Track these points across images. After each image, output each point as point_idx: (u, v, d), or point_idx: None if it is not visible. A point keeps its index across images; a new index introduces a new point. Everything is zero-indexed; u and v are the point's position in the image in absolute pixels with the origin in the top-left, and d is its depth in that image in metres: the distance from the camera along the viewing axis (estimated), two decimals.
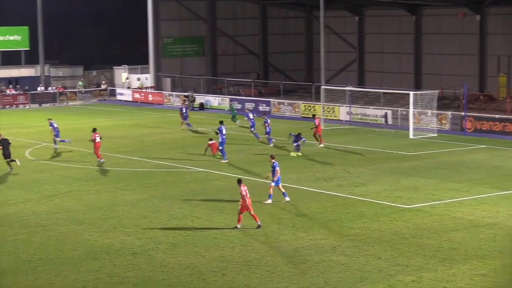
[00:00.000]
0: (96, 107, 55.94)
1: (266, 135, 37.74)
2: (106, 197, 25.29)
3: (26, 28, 61.96)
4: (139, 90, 59.69)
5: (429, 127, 42.80)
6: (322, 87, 46.39)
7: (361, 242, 20.66)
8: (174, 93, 56.65)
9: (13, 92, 58.41)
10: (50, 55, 65.75)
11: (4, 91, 58.04)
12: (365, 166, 32.33)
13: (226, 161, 31.47)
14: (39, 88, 59.25)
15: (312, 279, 17.09)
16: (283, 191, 24.06)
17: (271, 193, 23.93)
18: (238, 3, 64.35)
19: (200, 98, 52.72)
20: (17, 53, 64.46)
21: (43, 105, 55.82)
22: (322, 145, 33.87)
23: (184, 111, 42.15)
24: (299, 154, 34.14)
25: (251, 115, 39.27)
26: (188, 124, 41.77)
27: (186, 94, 53.47)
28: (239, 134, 41.04)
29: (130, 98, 58.63)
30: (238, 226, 20.61)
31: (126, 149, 36.53)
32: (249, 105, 49.20)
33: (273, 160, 24.33)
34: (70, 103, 57.52)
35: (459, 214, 23.84)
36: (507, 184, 27.92)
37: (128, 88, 61.76)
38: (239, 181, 21.18)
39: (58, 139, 34.53)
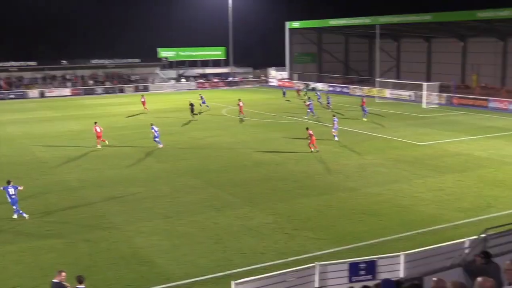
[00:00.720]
0: (259, 89, 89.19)
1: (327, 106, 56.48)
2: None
3: (223, 48, 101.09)
4: (281, 79, 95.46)
5: (433, 101, 61.29)
6: (377, 79, 73.54)
7: (395, 161, 32.18)
8: (299, 82, 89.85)
9: (216, 80, 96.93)
10: (234, 60, 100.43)
11: (212, 80, 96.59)
12: (397, 122, 48.13)
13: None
14: (229, 78, 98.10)
15: (367, 179, 27.96)
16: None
17: (335, 134, 38.70)
18: (332, 35, 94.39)
19: (312, 85, 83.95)
20: (218, 60, 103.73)
21: (233, 87, 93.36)
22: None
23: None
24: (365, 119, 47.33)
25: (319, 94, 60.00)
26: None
27: (305, 82, 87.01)
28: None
29: (275, 84, 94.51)
30: (313, 150, 34.58)
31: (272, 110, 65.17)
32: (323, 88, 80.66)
33: (334, 117, 39.20)
34: (246, 86, 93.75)
35: (448, 148, 35.75)
36: (475, 132, 41.95)
37: (275, 78, 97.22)
38: (307, 128, 35.63)
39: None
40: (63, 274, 13.77)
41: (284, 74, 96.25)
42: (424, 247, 16.06)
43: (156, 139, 37.86)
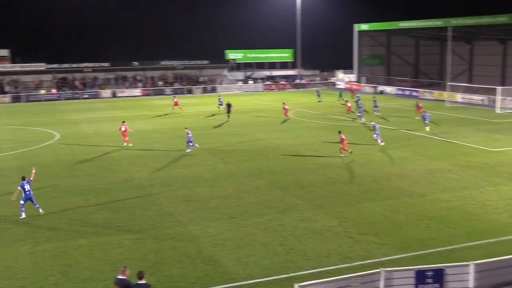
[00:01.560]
0: (325, 91, 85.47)
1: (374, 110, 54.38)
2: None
3: (291, 50, 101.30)
4: (349, 82, 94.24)
5: (508, 106, 59.00)
6: (448, 83, 71.12)
7: (465, 167, 31.12)
8: (367, 84, 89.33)
9: (283, 82, 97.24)
10: (302, 62, 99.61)
11: (279, 82, 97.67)
12: (468, 127, 46.76)
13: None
14: (296, 80, 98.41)
15: (436, 184, 27.33)
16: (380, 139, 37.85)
17: (379, 139, 37.89)
18: (402, 37, 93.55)
19: (380, 88, 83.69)
20: (285, 62, 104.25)
21: (299, 89, 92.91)
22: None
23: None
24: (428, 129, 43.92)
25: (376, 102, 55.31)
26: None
27: (373, 85, 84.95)
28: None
29: (343, 86, 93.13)
30: (342, 155, 34.14)
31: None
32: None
33: (373, 123, 39.14)
34: (313, 88, 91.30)
35: None
36: None
37: (342, 81, 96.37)
38: (339, 132, 35.42)
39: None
40: (128, 271, 14.07)
41: (352, 77, 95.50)
42: (497, 257, 15.47)
43: (189, 143, 37.19)
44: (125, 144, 39.96)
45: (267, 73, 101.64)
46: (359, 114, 51.70)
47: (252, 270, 17.65)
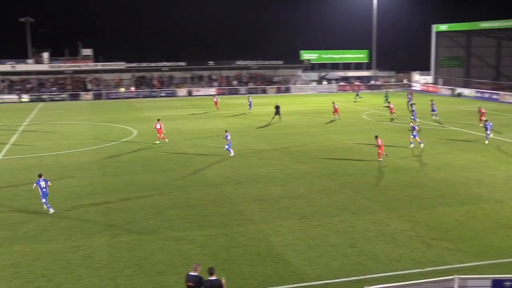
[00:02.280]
0: (401, 93, 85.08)
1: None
2: None
3: (366, 51, 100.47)
4: (425, 84, 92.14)
5: None
6: None
7: None
8: (443, 86, 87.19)
9: (358, 83, 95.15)
10: (377, 63, 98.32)
11: (353, 83, 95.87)
12: None
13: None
14: (371, 81, 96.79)
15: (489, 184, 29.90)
16: (419, 141, 37.84)
17: (419, 141, 37.85)
18: (482, 38, 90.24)
19: (458, 90, 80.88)
20: (360, 63, 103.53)
21: (374, 90, 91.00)
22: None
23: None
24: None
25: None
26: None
27: (451, 88, 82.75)
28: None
29: (419, 88, 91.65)
30: (381, 159, 33.34)
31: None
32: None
33: (412, 124, 38.95)
34: (388, 90, 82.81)
35: None
36: None
37: (418, 83, 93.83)
38: (376, 137, 34.26)
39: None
40: (199, 268, 14.26)
41: (428, 79, 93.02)
42: None
43: (227, 146, 36.29)
44: (157, 142, 41.07)
45: (341, 73, 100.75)
46: (413, 116, 49.98)
47: (322, 271, 17.55)
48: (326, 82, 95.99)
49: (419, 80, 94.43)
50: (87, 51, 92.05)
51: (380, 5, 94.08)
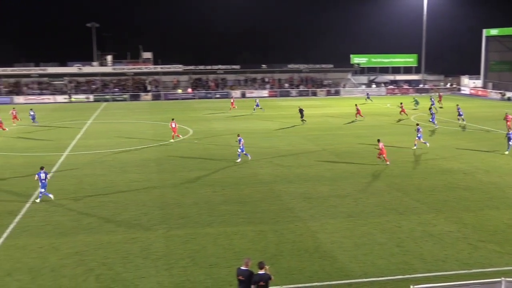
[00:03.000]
0: (449, 96, 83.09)
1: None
2: None
3: (415, 55, 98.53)
4: (474, 88, 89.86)
5: None
6: None
7: None
8: (493, 90, 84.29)
9: (406, 87, 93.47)
10: (426, 67, 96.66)
11: (402, 86, 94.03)
12: None
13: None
14: (420, 85, 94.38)
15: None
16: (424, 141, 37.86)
17: (423, 141, 37.69)
18: None
19: (508, 94, 78.42)
20: (409, 67, 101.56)
21: (422, 94, 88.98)
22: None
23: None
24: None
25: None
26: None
27: (500, 92, 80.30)
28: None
29: (468, 92, 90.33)
30: (388, 163, 32.15)
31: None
32: None
33: (418, 126, 38.54)
34: (437, 93, 79.80)
35: None
36: None
37: (467, 87, 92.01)
38: (378, 140, 33.10)
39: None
40: (250, 263, 14.28)
41: (478, 83, 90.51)
42: None
43: (240, 150, 34.38)
44: (172, 140, 42.08)
45: (390, 77, 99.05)
46: (431, 119, 48.92)
47: (368, 269, 17.33)
48: (375, 86, 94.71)
49: (468, 84, 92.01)
50: (147, 55, 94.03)
51: (430, 9, 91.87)
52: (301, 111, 53.33)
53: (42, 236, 20.51)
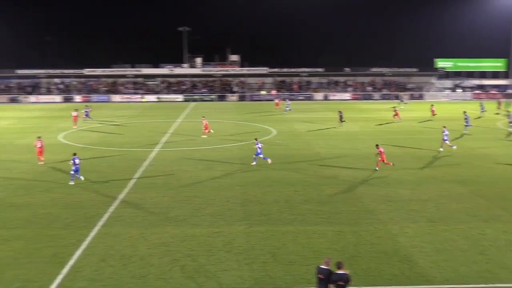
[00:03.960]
0: None
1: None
2: None
3: (504, 60, 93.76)
4: None
5: None
6: None
7: None
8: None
9: (494, 92, 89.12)
10: None
11: (488, 91, 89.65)
12: None
13: None
14: (507, 90, 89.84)
15: None
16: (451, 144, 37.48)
17: (450, 144, 37.23)
18: None
19: None
20: (496, 72, 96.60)
21: (510, 99, 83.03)
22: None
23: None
24: None
25: None
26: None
27: None
28: None
29: None
30: (377, 168, 30.89)
31: None
32: None
33: (444, 128, 37.56)
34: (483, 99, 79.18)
35: None
36: None
37: None
38: (377, 145, 31.72)
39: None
40: (330, 263, 14.16)
41: None
42: None
43: (257, 155, 33.17)
44: (204, 136, 44.40)
45: (476, 82, 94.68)
46: (466, 123, 47.06)
47: (449, 275, 16.64)
48: (460, 90, 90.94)
49: None
50: (234, 57, 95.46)
51: None
52: (340, 114, 52.71)
53: (133, 226, 21.31)
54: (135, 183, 28.46)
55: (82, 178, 28.84)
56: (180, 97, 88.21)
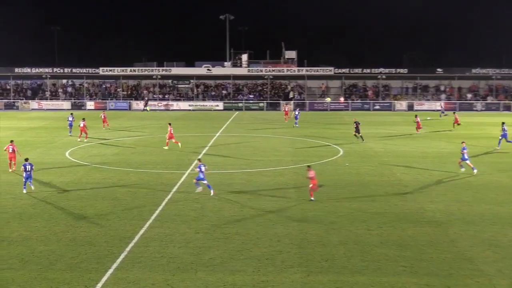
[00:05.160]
0: None
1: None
2: None
3: None
4: None
5: None
6: None
7: None
8: None
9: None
10: None
11: None
12: None
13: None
14: None
15: None
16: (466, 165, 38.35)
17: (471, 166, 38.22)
18: None
19: None
20: None
21: None
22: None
23: None
24: None
25: None
26: None
27: None
28: None
29: None
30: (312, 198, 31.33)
31: None
32: None
33: (463, 145, 38.59)
34: None
35: None
36: None
37: None
38: (309, 167, 32.35)
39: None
40: None
41: None
42: None
43: (199, 180, 32.73)
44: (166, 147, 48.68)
45: None
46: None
47: None
48: None
49: None
50: (291, 54, 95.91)
51: None
52: (356, 125, 53.32)
53: (156, 271, 21.45)
54: (160, 215, 28.74)
55: (33, 187, 33.14)
56: (219, 105, 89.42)
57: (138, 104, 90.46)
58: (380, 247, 24.00)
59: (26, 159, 33.40)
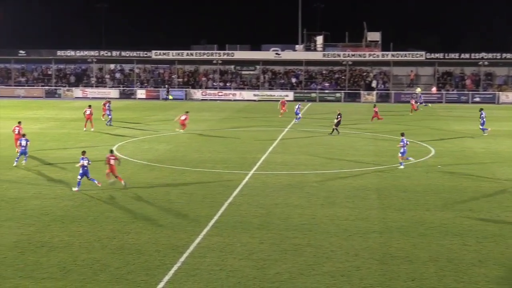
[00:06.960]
0: None
1: None
2: None
3: None
4: None
5: None
6: None
7: None
8: None
9: None
10: None
11: None
12: None
13: None
14: None
15: None
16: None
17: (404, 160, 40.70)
18: None
19: None
20: None
21: None
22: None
23: None
24: None
25: None
26: None
27: None
28: None
29: None
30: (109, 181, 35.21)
31: None
32: None
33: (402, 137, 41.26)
34: None
35: None
36: None
37: None
38: (111, 151, 36.41)
39: None
40: None
41: None
42: None
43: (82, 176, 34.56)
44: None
45: None
46: None
47: None
48: None
49: None
50: (374, 36, 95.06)
51: None
52: (339, 117, 55.25)
53: (213, 285, 21.49)
54: (219, 221, 28.92)
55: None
56: (289, 95, 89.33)
57: (196, 93, 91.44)
58: (479, 266, 23.52)
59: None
